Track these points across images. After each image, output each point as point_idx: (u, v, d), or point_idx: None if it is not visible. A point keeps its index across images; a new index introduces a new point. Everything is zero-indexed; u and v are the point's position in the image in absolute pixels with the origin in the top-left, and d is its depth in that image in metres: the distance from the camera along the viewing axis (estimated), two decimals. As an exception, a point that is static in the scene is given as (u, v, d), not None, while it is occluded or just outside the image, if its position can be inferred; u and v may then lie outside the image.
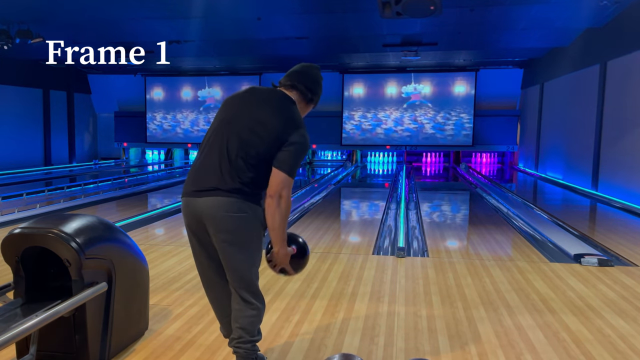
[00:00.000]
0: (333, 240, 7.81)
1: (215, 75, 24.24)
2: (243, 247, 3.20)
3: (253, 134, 3.18)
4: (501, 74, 22.00)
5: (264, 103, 3.32)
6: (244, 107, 3.32)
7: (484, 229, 8.79)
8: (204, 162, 3.26)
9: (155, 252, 6.82)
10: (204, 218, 3.19)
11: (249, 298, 3.28)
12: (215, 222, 3.15)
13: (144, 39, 16.11)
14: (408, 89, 22.90)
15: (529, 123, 20.67)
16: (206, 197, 3.16)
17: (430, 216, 10.27)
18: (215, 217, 3.14)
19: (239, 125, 3.23)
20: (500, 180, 17.24)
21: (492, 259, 6.65)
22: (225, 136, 3.23)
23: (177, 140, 24.98)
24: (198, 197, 3.19)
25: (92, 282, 3.53)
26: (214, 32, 15.19)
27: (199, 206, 3.19)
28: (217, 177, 3.15)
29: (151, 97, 25.00)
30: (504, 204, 11.40)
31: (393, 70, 22.59)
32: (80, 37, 15.79)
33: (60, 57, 18.09)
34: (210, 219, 3.16)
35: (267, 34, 15.11)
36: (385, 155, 23.87)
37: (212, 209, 3.14)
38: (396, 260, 6.53)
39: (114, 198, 12.30)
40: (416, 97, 22.87)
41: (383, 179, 18.43)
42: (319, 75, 3.59)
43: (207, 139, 3.33)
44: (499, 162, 23.42)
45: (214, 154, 3.22)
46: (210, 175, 3.18)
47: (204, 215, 3.18)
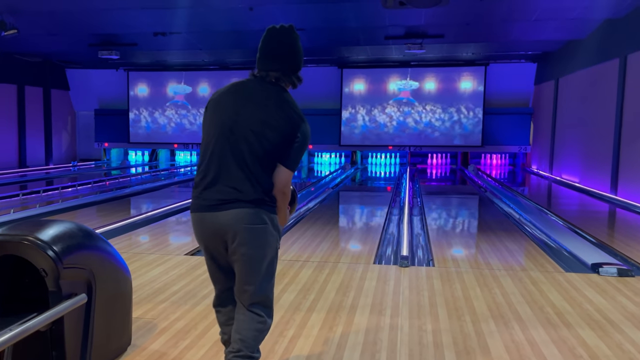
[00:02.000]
0: (331, 248, 7.81)
1: (204, 70, 24.26)
2: (264, 260, 3.26)
3: (263, 138, 3.21)
4: (512, 69, 22.03)
5: (263, 102, 3.31)
6: (243, 109, 3.30)
7: (494, 236, 8.79)
8: (214, 173, 3.26)
9: (138, 261, 6.82)
10: (223, 231, 3.22)
11: (260, 311, 3.31)
12: (237, 234, 3.19)
13: (127, 31, 16.12)
14: (401, 84, 22.95)
15: (542, 121, 20.70)
16: (226, 210, 3.19)
17: (436, 222, 10.27)
18: (238, 229, 3.18)
19: (246, 130, 3.23)
20: (512, 184, 17.26)
21: (503, 269, 6.66)
22: (233, 143, 3.23)
23: (162, 140, 24.99)
24: (216, 211, 3.21)
25: (70, 294, 3.53)
26: (202, 23, 15.21)
27: (218, 220, 3.22)
28: (236, 188, 3.19)
29: (135, 93, 25.01)
30: (516, 209, 11.41)
31: (396, 64, 22.62)
32: (57, 28, 15.80)
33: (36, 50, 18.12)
34: (232, 232, 3.20)
35: (260, 25, 15.10)
36: (388, 156, 23.90)
37: (233, 221, 3.18)
38: (399, 270, 6.53)
39: (94, 203, 12.29)
40: (405, 94, 22.93)
41: (385, 182, 18.44)
42: (298, 44, 3.49)
43: (209, 147, 3.31)
44: (511, 164, 23.45)
45: (226, 163, 3.23)
46: (228, 186, 3.21)
47: (223, 229, 3.21)
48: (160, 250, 7.60)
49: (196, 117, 24.60)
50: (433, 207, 12.15)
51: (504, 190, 14.65)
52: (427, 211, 11.34)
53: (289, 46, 3.42)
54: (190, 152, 25.57)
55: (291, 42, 3.43)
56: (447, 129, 22.70)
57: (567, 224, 9.85)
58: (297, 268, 6.52)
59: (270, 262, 3.29)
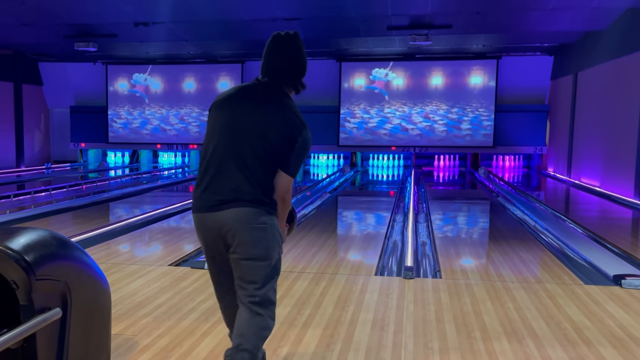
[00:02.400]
0: (329, 258, 7.81)
1: (190, 64, 24.27)
2: (264, 259, 3.52)
3: (265, 140, 3.50)
4: (527, 62, 22.07)
5: (266, 105, 3.61)
6: (246, 112, 3.59)
7: (506, 245, 8.80)
8: (215, 172, 3.54)
9: (118, 273, 6.82)
10: (224, 231, 3.49)
11: (261, 311, 3.53)
12: (236, 234, 3.47)
13: (105, 21, 16.12)
14: (378, 73, 22.98)
15: (560, 120, 20.73)
16: (226, 210, 3.46)
17: (444, 230, 10.28)
18: (237, 229, 3.46)
19: (248, 132, 3.52)
20: (526, 188, 17.28)
21: (517, 281, 6.66)
22: (234, 144, 3.52)
23: (144, 140, 24.99)
24: (216, 211, 3.48)
25: (43, 308, 3.52)
26: (187, 12, 15.21)
27: (218, 220, 3.48)
28: (236, 188, 3.47)
29: (114, 89, 25.02)
30: (531, 215, 11.42)
31: (400, 57, 22.65)
32: (30, 18, 15.79)
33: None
34: (232, 231, 3.47)
35: (250, 15, 15.13)
36: (391, 158, 23.92)
37: (233, 220, 3.45)
38: (403, 282, 6.53)
39: (70, 208, 12.28)
40: (379, 84, 22.98)
41: (388, 186, 18.45)
42: (303, 51, 3.83)
43: (210, 147, 3.60)
44: (525, 166, 23.48)
45: (227, 163, 3.51)
46: (228, 186, 3.49)
47: (224, 228, 3.48)
48: (142, 260, 7.60)
49: (178, 116, 24.62)
50: (440, 213, 12.16)
51: (517, 195, 14.67)
52: (433, 218, 11.34)
53: (293, 53, 3.76)
54: (174, 153, 25.57)
55: (295, 49, 3.78)
56: (456, 128, 22.72)
57: (586, 232, 9.86)
58: (291, 280, 6.52)
59: (270, 261, 3.54)
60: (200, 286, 6.23)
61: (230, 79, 24.10)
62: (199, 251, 7.99)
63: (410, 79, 22.95)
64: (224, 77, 24.23)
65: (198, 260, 7.13)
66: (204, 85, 24.37)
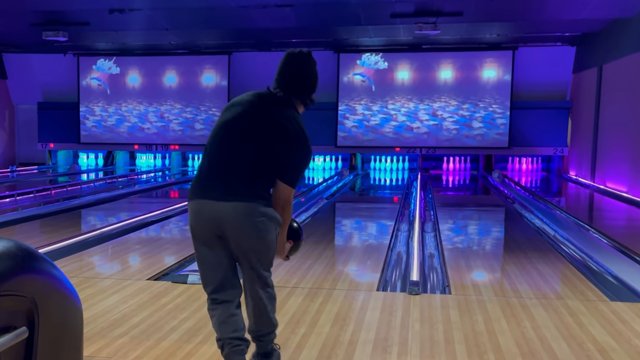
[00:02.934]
0: (325, 271, 7.82)
1: (171, 55, 24.28)
2: (264, 251, 4.13)
3: (268, 144, 4.09)
4: (546, 54, 22.10)
5: (273, 113, 4.21)
6: (254, 116, 4.20)
7: (523, 257, 8.81)
8: (217, 167, 4.11)
9: (91, 288, 6.82)
10: (219, 222, 4.03)
11: (262, 293, 4.24)
12: (235, 228, 4.04)
13: (76, 7, 16.12)
14: (369, 59, 23.03)
15: (583, 118, 20.75)
16: (225, 202, 4.01)
17: (453, 240, 10.29)
18: (236, 223, 4.02)
19: (252, 134, 4.12)
20: (545, 193, 17.31)
21: (535, 297, 6.67)
22: (239, 143, 4.13)
23: (120, 140, 24.98)
24: (215, 200, 4.03)
25: (7, 327, 3.52)
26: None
27: (215, 209, 4.02)
28: (235, 183, 4.03)
29: (87, 83, 25.03)
30: (551, 224, 11.43)
31: (405, 48, 22.67)
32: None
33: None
34: (230, 225, 4.02)
35: (238, 1, 15.15)
36: (394, 160, 23.95)
37: (232, 215, 4.00)
38: (408, 298, 6.54)
39: (37, 216, 12.26)
40: (368, 72, 23.03)
41: (391, 192, 18.47)
42: (314, 69, 4.41)
43: (216, 143, 4.19)
44: (544, 170, 23.52)
45: (230, 161, 4.10)
46: (228, 181, 4.05)
47: (220, 219, 4.02)
48: (118, 274, 7.59)
49: (158, 113, 24.60)
50: (449, 222, 12.17)
51: (535, 202, 14.68)
52: (442, 227, 11.35)
53: (305, 70, 4.37)
54: (153, 154, 25.58)
55: (307, 67, 4.38)
56: (467, 126, 22.75)
57: (612, 242, 9.87)
58: (284, 296, 6.52)
59: (270, 252, 4.16)
60: (182, 302, 6.23)
61: (215, 72, 24.12)
62: (181, 264, 8.00)
63: (417, 72, 22.97)
64: (209, 70, 24.25)
65: (180, 274, 7.13)
66: (186, 78, 24.39)
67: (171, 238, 10.60)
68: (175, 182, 20.55)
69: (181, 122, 24.56)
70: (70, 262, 8.20)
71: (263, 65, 22.90)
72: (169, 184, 20.08)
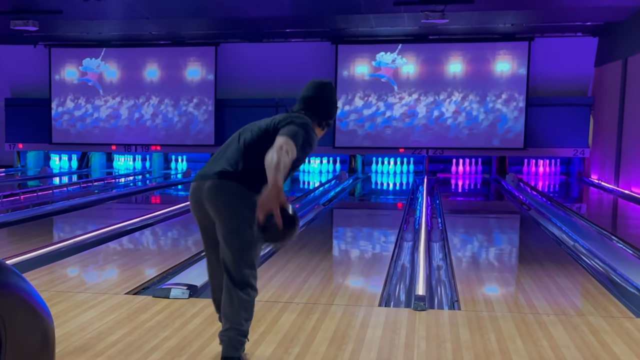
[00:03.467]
0: (322, 285, 7.82)
1: (152, 46, 24.29)
2: (233, 233, 4.68)
3: (261, 129, 4.87)
4: (565, 45, 22.12)
5: (286, 118, 4.85)
6: (264, 120, 5.01)
7: (540, 269, 8.82)
8: (215, 154, 5.05)
9: (64, 303, 6.81)
10: (203, 201, 4.83)
11: (238, 292, 4.69)
12: (211, 207, 4.77)
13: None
14: (384, 58, 23.00)
15: (606, 116, 20.77)
16: (204, 181, 4.80)
17: (463, 251, 10.29)
18: (210, 202, 4.76)
19: (255, 125, 4.99)
20: (565, 199, 17.32)
21: (553, 313, 6.68)
22: (240, 134, 5.02)
23: (96, 140, 24.96)
24: (200, 180, 4.86)
25: (-28, 347, 3.52)
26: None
27: (200, 188, 4.84)
28: (223, 162, 4.80)
29: (60, 77, 25.02)
30: (570, 233, 11.44)
31: (410, 39, 22.69)
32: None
33: None
34: (209, 203, 4.78)
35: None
36: (398, 162, 23.95)
37: (207, 193, 4.77)
38: (413, 314, 6.54)
39: (5, 224, 12.24)
40: (387, 72, 22.99)
41: (394, 198, 18.47)
42: (333, 95, 5.23)
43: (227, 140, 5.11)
44: (563, 173, 23.54)
45: (226, 145, 5.01)
46: (217, 160, 4.89)
47: (202, 197, 4.82)
48: (94, 287, 7.59)
49: (141, 109, 24.59)
50: (459, 231, 12.18)
51: (553, 208, 14.69)
52: (450, 236, 11.35)
53: (324, 96, 5.16)
54: (132, 156, 25.58)
55: (326, 92, 5.20)
56: (478, 125, 22.76)
57: (638, 253, 9.88)
58: (276, 312, 6.52)
59: (239, 234, 4.66)
60: (164, 319, 6.22)
61: (201, 65, 24.13)
62: (163, 276, 8.00)
63: (423, 65, 22.98)
64: (193, 63, 24.26)
65: (162, 288, 7.12)
66: (169, 72, 24.40)
67: (152, 248, 10.60)
68: (157, 187, 20.55)
69: (163, 120, 24.56)
70: (41, 274, 8.19)
71: (253, 57, 22.99)
72: (149, 188, 20.08)
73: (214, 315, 5.53)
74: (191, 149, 24.65)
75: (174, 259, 8.99)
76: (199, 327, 5.92)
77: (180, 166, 25.71)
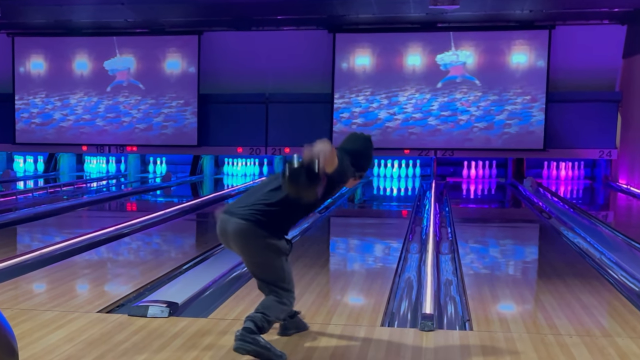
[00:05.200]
0: (318, 302, 7.83)
1: (127, 35, 24.25)
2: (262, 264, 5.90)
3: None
4: (590, 34, 22.11)
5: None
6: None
7: (562, 285, 8.83)
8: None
9: (29, 322, 6.81)
10: (229, 238, 5.86)
11: (274, 294, 5.85)
12: (235, 245, 5.86)
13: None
14: (446, 58, 22.94)
15: (635, 113, 20.78)
16: (231, 217, 5.79)
17: (476, 264, 10.31)
18: (235, 241, 5.81)
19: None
20: (589, 206, 17.34)
21: (576, 334, 6.68)
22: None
23: (65, 139, 24.92)
24: (225, 214, 5.87)
25: None
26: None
27: (224, 221, 5.84)
28: (250, 200, 5.84)
29: (25, 70, 25.02)
30: (596, 244, 11.43)
31: (416, 27, 22.69)
32: None
33: None
34: (232, 242, 5.83)
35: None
36: (403, 165, 23.97)
37: (233, 234, 5.79)
38: (420, 335, 6.55)
39: (-38, 234, 12.27)
40: (457, 70, 22.93)
41: (399, 204, 18.49)
42: (371, 152, 6.22)
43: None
44: (588, 177, 23.54)
45: (258, 186, 6.04)
46: (246, 197, 5.96)
47: (228, 235, 5.82)
48: (62, 304, 7.58)
49: (116, 106, 24.58)
50: (471, 241, 12.19)
51: (577, 216, 14.70)
52: (461, 247, 11.36)
53: (361, 149, 6.15)
54: (106, 157, 25.57)
55: (365, 147, 6.20)
56: (492, 123, 22.76)
57: (671, 266, 9.90)
58: (269, 331, 6.52)
59: (265, 267, 5.82)
60: (140, 341, 6.21)
61: (182, 56, 24.13)
62: (140, 292, 8.00)
63: (431, 56, 22.99)
64: (174, 54, 24.26)
65: (138, 305, 7.10)
66: (146, 64, 24.42)
67: (128, 261, 10.60)
68: (133, 192, 20.56)
69: (140, 118, 24.54)
70: (3, 290, 8.20)
71: (241, 48, 22.98)
72: (125, 194, 20.08)
73: (196, 336, 5.54)
74: (171, 150, 24.65)
75: (152, 273, 9.00)
76: (179, 349, 5.91)
77: (158, 169, 25.71)
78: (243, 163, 25.09)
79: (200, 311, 7.14)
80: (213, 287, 8.12)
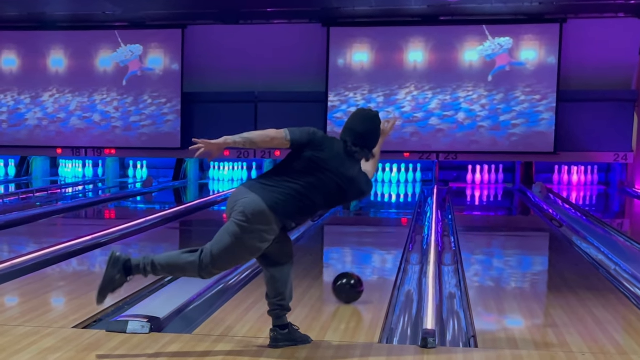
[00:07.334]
0: (312, 316, 7.83)
1: (106, 29, 24.25)
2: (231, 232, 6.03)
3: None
4: (604, 28, 22.14)
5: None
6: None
7: (574, 298, 8.85)
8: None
9: (1, 338, 6.81)
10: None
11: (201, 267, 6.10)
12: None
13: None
14: (488, 49, 22.84)
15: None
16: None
17: (481, 276, 10.33)
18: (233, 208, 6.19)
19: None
20: (603, 214, 17.36)
21: (589, 351, 6.69)
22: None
23: (38, 142, 24.90)
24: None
25: None
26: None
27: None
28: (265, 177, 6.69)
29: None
30: (610, 254, 11.45)
31: (417, 21, 22.71)
32: None
33: None
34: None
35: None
36: (402, 169, 23.97)
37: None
38: (421, 352, 6.55)
39: None
40: (503, 59, 22.81)
41: (398, 212, 18.51)
42: (379, 129, 6.87)
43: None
44: (601, 182, 23.55)
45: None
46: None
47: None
48: (36, 319, 7.57)
49: (93, 105, 24.54)
50: (476, 252, 12.19)
51: (590, 225, 14.71)
52: (465, 258, 11.36)
53: (371, 128, 6.76)
54: (82, 161, 25.54)
55: (376, 127, 6.81)
56: (499, 125, 22.76)
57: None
58: (255, 349, 6.51)
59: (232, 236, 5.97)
60: (119, 359, 6.21)
61: (164, 51, 24.14)
62: (119, 306, 7.98)
63: (432, 52, 23.01)
64: (156, 49, 24.26)
65: (117, 320, 7.08)
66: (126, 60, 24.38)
67: (105, 272, 10.60)
68: (112, 198, 20.55)
69: (119, 119, 24.50)
70: (-29, 304, 8.20)
71: (228, 43, 22.99)
72: (102, 200, 20.07)
73: (179, 353, 5.54)
74: (152, 153, 24.64)
75: (132, 286, 8.92)
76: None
77: (139, 173, 25.70)
78: (230, 167, 25.12)
79: (184, 327, 7.14)
80: (198, 301, 8.12)
